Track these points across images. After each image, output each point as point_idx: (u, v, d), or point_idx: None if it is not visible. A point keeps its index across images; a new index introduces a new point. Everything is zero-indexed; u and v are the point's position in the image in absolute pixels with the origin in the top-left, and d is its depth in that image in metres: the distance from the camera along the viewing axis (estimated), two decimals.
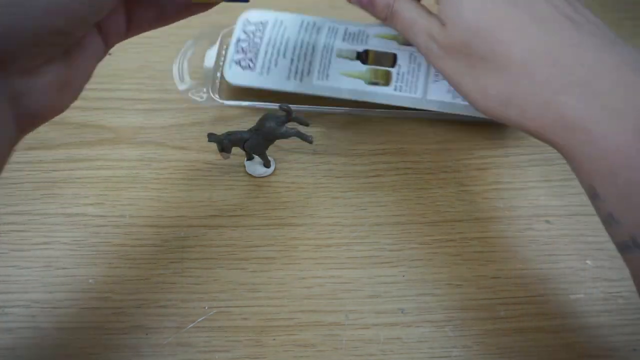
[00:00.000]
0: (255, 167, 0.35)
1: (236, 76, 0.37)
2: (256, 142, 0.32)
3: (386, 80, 0.36)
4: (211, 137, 0.32)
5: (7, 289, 0.30)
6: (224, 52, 0.40)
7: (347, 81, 0.37)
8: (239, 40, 0.38)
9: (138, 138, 0.37)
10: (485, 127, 0.37)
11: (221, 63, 0.39)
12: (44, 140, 0.36)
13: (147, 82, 0.40)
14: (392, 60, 0.37)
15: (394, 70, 0.37)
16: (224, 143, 0.32)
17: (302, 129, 0.32)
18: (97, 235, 0.32)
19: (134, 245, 0.32)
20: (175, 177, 0.35)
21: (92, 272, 0.31)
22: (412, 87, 0.36)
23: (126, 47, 0.42)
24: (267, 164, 0.34)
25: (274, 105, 0.36)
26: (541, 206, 0.34)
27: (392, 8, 0.30)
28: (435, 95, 0.36)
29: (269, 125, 0.31)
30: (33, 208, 0.33)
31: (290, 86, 0.37)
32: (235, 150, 0.33)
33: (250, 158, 0.34)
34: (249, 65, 0.37)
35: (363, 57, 0.37)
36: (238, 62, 0.38)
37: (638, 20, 0.45)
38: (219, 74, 0.39)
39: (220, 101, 0.38)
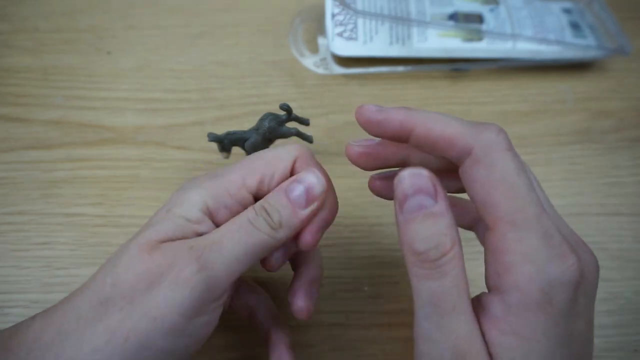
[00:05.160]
0: None
1: (342, 48, 0.40)
2: (256, 141, 0.32)
3: (478, 36, 0.40)
4: (211, 136, 0.32)
5: (7, 289, 0.30)
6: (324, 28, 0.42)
7: (445, 41, 0.40)
8: (334, 15, 0.41)
9: (138, 138, 0.37)
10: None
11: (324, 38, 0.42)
12: (44, 140, 0.36)
13: (147, 82, 0.40)
14: (480, 18, 0.41)
15: (483, 27, 0.40)
16: (224, 143, 0.32)
17: (302, 128, 0.32)
18: (97, 235, 0.32)
19: None
20: (175, 177, 0.35)
21: (92, 272, 0.31)
22: (501, 40, 0.40)
23: (126, 47, 0.42)
24: None
25: (389, 69, 0.41)
26: None
27: (442, 262, 0.20)
28: (522, 44, 0.40)
29: (269, 124, 0.31)
30: (33, 208, 0.33)
31: (393, 51, 0.40)
32: (236, 149, 0.33)
33: None
34: (352, 36, 0.40)
35: (454, 18, 0.41)
36: (340, 35, 0.40)
37: (638, 20, 0.45)
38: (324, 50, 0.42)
39: (344, 70, 0.40)
